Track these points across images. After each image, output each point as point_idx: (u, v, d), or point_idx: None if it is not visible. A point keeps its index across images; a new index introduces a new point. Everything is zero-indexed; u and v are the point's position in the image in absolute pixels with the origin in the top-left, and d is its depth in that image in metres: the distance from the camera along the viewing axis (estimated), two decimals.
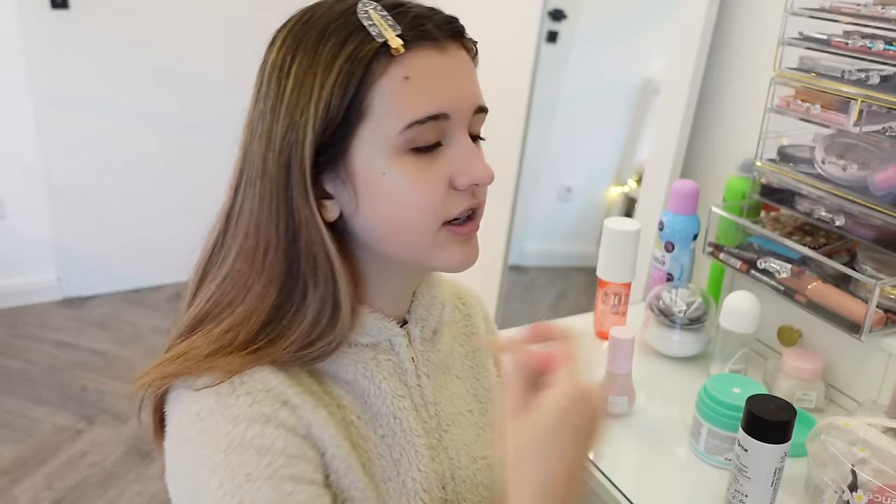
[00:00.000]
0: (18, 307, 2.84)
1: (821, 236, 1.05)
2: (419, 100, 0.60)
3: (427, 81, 0.61)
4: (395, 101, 0.60)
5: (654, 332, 1.11)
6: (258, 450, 0.57)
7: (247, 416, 0.58)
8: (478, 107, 0.65)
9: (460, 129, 0.63)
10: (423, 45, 0.61)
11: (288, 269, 0.63)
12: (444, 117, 0.62)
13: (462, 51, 0.64)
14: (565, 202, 2.57)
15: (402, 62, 0.60)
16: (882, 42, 0.89)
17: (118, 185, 2.87)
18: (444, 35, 0.62)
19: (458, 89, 0.63)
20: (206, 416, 0.59)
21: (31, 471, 2.04)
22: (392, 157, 0.61)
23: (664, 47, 1.37)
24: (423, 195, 0.62)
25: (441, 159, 0.63)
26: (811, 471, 0.80)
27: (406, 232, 0.64)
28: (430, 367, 0.74)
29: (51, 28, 2.59)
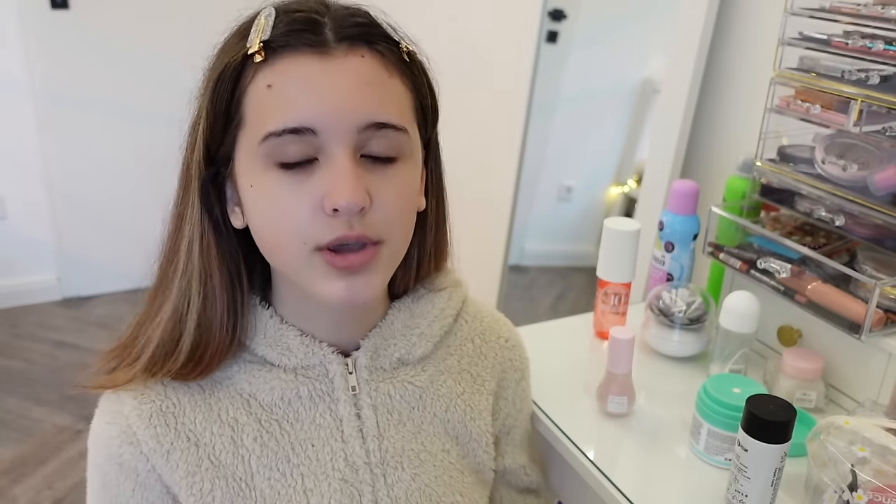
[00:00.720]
0: (18, 307, 2.84)
1: (821, 236, 1.05)
2: (278, 110, 0.56)
3: (290, 91, 0.56)
4: (258, 110, 0.57)
5: (654, 332, 1.11)
6: (101, 477, 0.65)
7: (102, 444, 0.65)
8: (368, 123, 0.57)
9: (336, 146, 0.56)
10: (296, 52, 0.56)
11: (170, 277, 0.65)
12: (308, 132, 0.56)
13: (360, 58, 0.57)
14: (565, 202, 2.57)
15: (269, 69, 0.56)
16: (882, 42, 0.89)
17: (118, 185, 2.87)
18: (336, 41, 0.56)
19: (330, 102, 0.55)
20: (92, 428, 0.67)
21: (32, 471, 2.04)
22: (258, 169, 0.58)
23: (664, 47, 1.37)
24: (283, 214, 0.57)
25: (313, 178, 0.57)
26: (811, 470, 0.80)
27: (277, 251, 0.61)
28: (381, 398, 0.69)
29: (51, 28, 2.59)
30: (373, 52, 0.58)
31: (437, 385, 0.74)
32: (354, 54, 0.57)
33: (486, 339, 0.79)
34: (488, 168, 1.98)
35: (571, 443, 0.92)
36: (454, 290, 0.77)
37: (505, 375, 0.81)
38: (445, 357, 0.76)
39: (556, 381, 1.02)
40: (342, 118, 0.56)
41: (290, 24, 0.57)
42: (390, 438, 0.70)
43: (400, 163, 0.60)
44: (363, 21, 0.59)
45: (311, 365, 0.67)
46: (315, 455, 0.66)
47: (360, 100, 0.56)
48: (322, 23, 0.57)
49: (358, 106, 0.56)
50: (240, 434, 0.65)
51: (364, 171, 0.58)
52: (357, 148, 0.57)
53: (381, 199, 0.59)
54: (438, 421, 0.73)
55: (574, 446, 0.92)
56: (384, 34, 0.60)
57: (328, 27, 0.57)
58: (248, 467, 0.65)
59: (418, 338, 0.72)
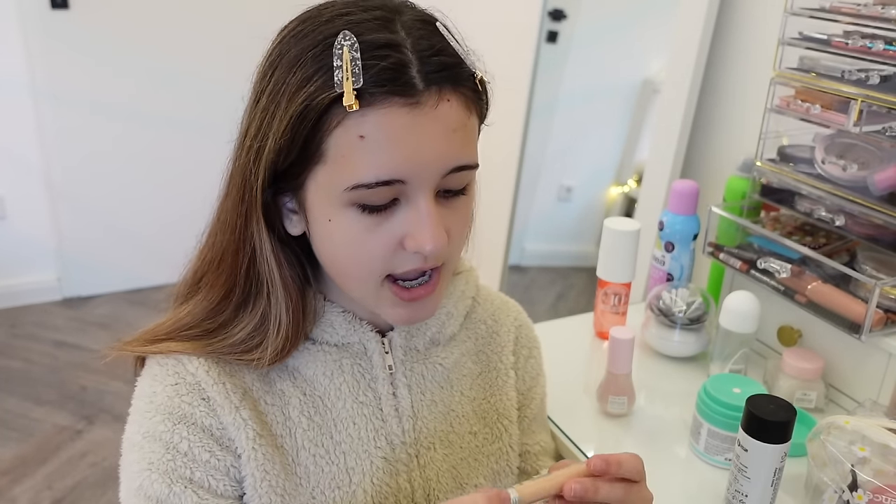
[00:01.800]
0: (18, 307, 2.84)
1: (821, 236, 1.05)
2: (370, 163, 0.56)
3: (384, 144, 0.55)
4: (345, 157, 0.56)
5: (654, 332, 1.11)
6: (166, 444, 0.62)
7: (165, 409, 0.62)
8: (452, 168, 0.58)
9: (421, 191, 0.58)
10: (389, 102, 0.55)
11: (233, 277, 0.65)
12: (398, 182, 0.57)
13: (447, 103, 0.57)
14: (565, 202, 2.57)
15: (360, 117, 0.55)
16: (882, 42, 0.89)
17: (118, 185, 2.87)
18: (425, 86, 0.56)
19: (422, 155, 0.56)
20: (139, 396, 0.65)
21: (31, 471, 2.04)
22: (339, 207, 0.58)
23: (664, 47, 1.37)
24: (362, 251, 0.60)
25: (394, 218, 0.59)
26: (811, 470, 0.80)
27: (348, 279, 0.63)
28: (415, 378, 0.71)
29: (51, 28, 2.59)
30: (457, 94, 0.58)
31: (461, 366, 0.76)
32: (443, 100, 0.57)
33: (498, 319, 0.81)
34: (488, 168, 1.98)
35: (571, 443, 0.92)
36: (469, 273, 0.80)
37: (516, 350, 0.82)
38: (465, 339, 0.77)
39: (555, 381, 1.02)
40: (430, 168, 0.57)
41: (382, 72, 0.55)
42: (423, 419, 0.71)
43: (468, 190, 0.63)
44: (447, 61, 0.57)
45: (351, 342, 0.68)
46: (357, 433, 0.67)
47: (447, 148, 0.57)
48: (409, 63, 0.56)
49: (445, 154, 0.57)
50: (287, 405, 0.66)
51: (440, 206, 0.60)
52: (437, 188, 0.59)
53: (453, 230, 0.61)
54: (467, 401, 0.75)
55: (574, 446, 0.92)
56: (466, 73, 0.59)
57: (415, 68, 0.56)
58: (294, 441, 0.66)
59: (447, 317, 0.74)
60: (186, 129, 2.87)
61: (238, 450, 0.63)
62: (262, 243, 0.63)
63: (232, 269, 0.65)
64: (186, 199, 2.64)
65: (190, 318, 0.66)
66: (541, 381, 0.85)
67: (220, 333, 0.65)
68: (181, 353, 0.64)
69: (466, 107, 0.59)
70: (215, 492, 0.62)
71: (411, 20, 0.58)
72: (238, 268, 0.64)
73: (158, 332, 0.67)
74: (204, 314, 0.66)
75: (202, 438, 0.62)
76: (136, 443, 0.63)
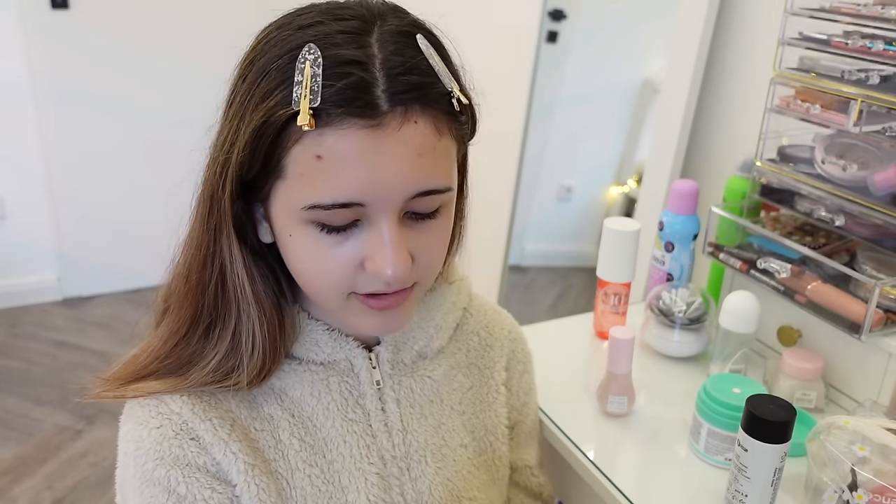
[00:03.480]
0: (18, 307, 2.84)
1: (821, 236, 1.05)
2: (327, 184, 0.53)
3: (341, 166, 0.53)
4: (303, 176, 0.54)
5: (654, 332, 1.11)
6: (165, 489, 0.60)
7: (155, 453, 0.61)
8: (416, 193, 0.55)
9: (383, 214, 0.55)
10: (348, 123, 0.52)
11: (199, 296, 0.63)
12: (357, 205, 0.54)
13: (413, 125, 0.53)
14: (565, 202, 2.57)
15: (318, 137, 0.53)
16: (882, 42, 0.89)
17: (118, 185, 2.87)
18: (389, 106, 0.52)
19: (382, 179, 0.53)
20: (126, 440, 0.63)
21: (32, 471, 2.04)
22: (298, 223, 0.57)
23: (664, 47, 1.37)
24: (322, 268, 0.58)
25: (354, 238, 0.57)
26: (811, 470, 0.80)
27: (313, 293, 0.62)
28: (404, 392, 0.70)
29: (51, 28, 2.59)
30: (425, 114, 0.55)
31: (450, 379, 0.75)
32: (408, 122, 0.53)
33: (491, 332, 0.80)
34: (488, 168, 1.98)
35: (571, 443, 0.92)
36: (461, 283, 0.78)
37: (509, 366, 0.81)
38: (455, 351, 0.76)
39: (555, 381, 1.02)
40: (391, 192, 0.54)
41: (342, 91, 0.52)
42: (413, 432, 0.70)
43: (442, 211, 0.60)
44: (418, 81, 0.54)
45: (338, 360, 0.67)
46: (349, 451, 0.67)
47: (410, 172, 0.54)
48: (373, 83, 0.52)
49: (409, 179, 0.55)
50: (276, 429, 0.65)
51: (406, 229, 0.58)
52: (402, 211, 0.57)
53: (422, 253, 0.59)
54: (456, 415, 0.74)
55: (574, 446, 0.92)
56: (437, 91, 0.55)
57: (380, 87, 0.52)
58: (288, 463, 0.65)
59: (435, 330, 0.73)
60: (187, 130, 2.86)
61: (233, 482, 0.63)
62: (233, 257, 0.61)
63: (198, 288, 0.63)
64: (187, 200, 2.63)
65: (161, 346, 0.65)
66: (534, 396, 0.85)
67: (195, 361, 0.63)
68: (161, 392, 0.63)
69: (436, 129, 0.55)
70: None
71: (389, 32, 0.56)
72: (205, 286, 0.62)
73: (134, 369, 0.65)
74: (175, 340, 0.64)
75: (199, 477, 0.61)
76: (136, 487, 0.61)
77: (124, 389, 0.64)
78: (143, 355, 0.66)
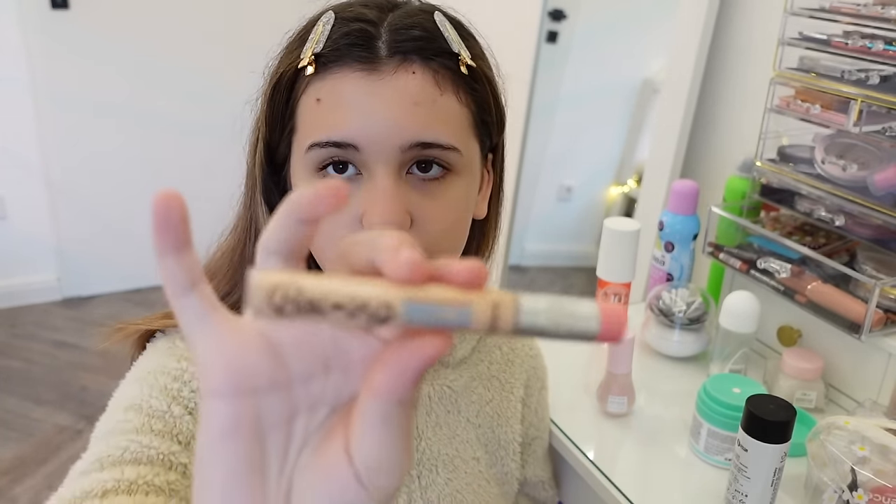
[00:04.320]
0: (18, 307, 2.84)
1: (821, 236, 1.05)
2: (323, 124, 0.55)
3: (336, 107, 0.55)
4: (306, 122, 0.57)
5: (653, 332, 1.11)
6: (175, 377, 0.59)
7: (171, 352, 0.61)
8: (413, 143, 0.54)
9: (377, 164, 0.55)
10: (346, 67, 0.54)
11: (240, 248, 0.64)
12: (351, 147, 0.55)
13: (410, 74, 0.54)
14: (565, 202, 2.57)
15: (319, 82, 0.56)
16: (882, 42, 0.89)
17: (119, 185, 2.87)
18: (388, 55, 0.54)
19: (374, 120, 0.54)
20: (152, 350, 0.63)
21: (32, 470, 2.04)
22: (306, 175, 0.58)
23: (664, 47, 1.38)
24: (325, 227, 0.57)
25: (355, 191, 0.56)
26: (811, 470, 0.80)
27: (321, 256, 0.60)
28: (422, 399, 0.69)
29: (51, 28, 2.59)
30: (426, 67, 0.55)
31: (470, 391, 0.74)
32: (405, 70, 0.54)
33: (513, 347, 0.79)
34: None
35: (571, 443, 0.92)
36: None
37: (529, 383, 0.81)
38: (477, 363, 0.75)
39: (556, 381, 1.02)
40: (385, 137, 0.54)
41: (343, 38, 0.55)
42: (427, 440, 0.69)
43: (451, 178, 0.58)
44: (420, 34, 0.55)
45: None
46: None
47: (405, 119, 0.54)
48: (376, 35, 0.55)
49: (403, 125, 0.54)
50: None
51: (409, 189, 0.56)
52: (401, 166, 0.56)
53: (425, 217, 0.57)
54: (471, 426, 0.73)
55: (574, 446, 0.92)
56: (440, 47, 0.56)
57: (382, 39, 0.55)
58: None
59: (459, 339, 0.72)
60: (187, 130, 2.87)
61: None
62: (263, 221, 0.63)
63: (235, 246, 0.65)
64: (187, 200, 2.63)
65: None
66: (548, 413, 0.86)
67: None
68: None
69: (436, 83, 0.56)
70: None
71: (408, 7, 0.58)
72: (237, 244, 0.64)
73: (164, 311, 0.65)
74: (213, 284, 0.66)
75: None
76: (138, 375, 0.60)
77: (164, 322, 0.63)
78: None
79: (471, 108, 0.59)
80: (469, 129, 0.59)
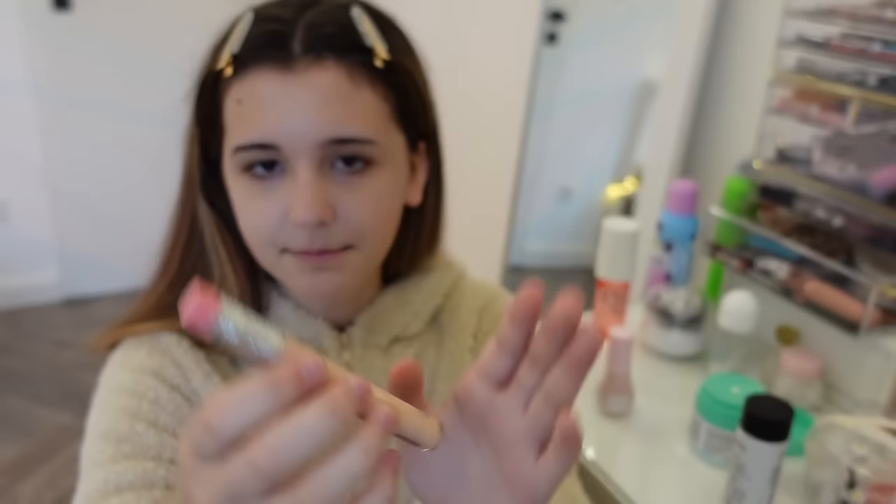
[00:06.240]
0: (20, 307, 2.84)
1: (819, 236, 1.05)
2: (245, 125, 0.57)
3: (255, 107, 0.56)
4: (230, 123, 0.58)
5: (653, 332, 1.11)
6: (131, 392, 0.62)
7: (135, 367, 0.64)
8: (330, 139, 0.56)
9: (298, 160, 0.56)
10: (261, 67, 0.56)
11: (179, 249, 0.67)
12: (272, 148, 0.56)
13: (324, 71, 0.56)
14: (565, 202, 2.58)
15: (238, 83, 0.57)
16: (879, 44, 0.90)
17: (120, 185, 2.87)
18: (302, 52, 0.55)
19: (291, 119, 0.55)
20: (110, 365, 0.67)
21: (33, 470, 2.05)
22: (234, 175, 0.60)
23: (664, 47, 1.38)
24: (254, 220, 0.60)
25: (280, 188, 0.58)
26: (810, 469, 0.80)
27: (253, 248, 0.63)
28: (374, 374, 0.69)
29: (52, 29, 2.60)
30: (339, 64, 0.56)
31: (422, 358, 0.73)
32: (318, 67, 0.56)
33: (461, 306, 0.78)
34: (488, 169, 1.98)
35: None
36: (445, 270, 0.77)
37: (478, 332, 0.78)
38: (427, 333, 0.75)
39: None
40: (302, 135, 0.56)
41: (258, 38, 0.57)
42: None
43: (372, 170, 0.59)
44: (332, 31, 0.57)
45: (305, 338, 0.68)
46: None
47: (320, 116, 0.56)
48: (289, 33, 0.56)
49: (319, 122, 0.56)
50: None
51: (330, 182, 0.58)
52: (322, 160, 0.57)
53: (348, 209, 0.59)
54: (426, 395, 0.73)
55: None
56: (354, 43, 0.57)
57: (296, 38, 0.56)
58: None
59: (412, 316, 0.73)
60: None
61: None
62: (204, 217, 0.65)
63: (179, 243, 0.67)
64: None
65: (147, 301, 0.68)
66: None
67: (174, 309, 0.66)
68: (155, 330, 0.66)
69: (351, 79, 0.56)
70: (178, 437, 0.61)
71: (326, 5, 0.59)
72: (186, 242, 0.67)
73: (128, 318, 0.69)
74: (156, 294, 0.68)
75: (170, 392, 0.63)
76: (102, 399, 0.63)
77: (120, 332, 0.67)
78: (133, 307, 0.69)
79: (389, 100, 0.60)
80: (389, 121, 0.61)
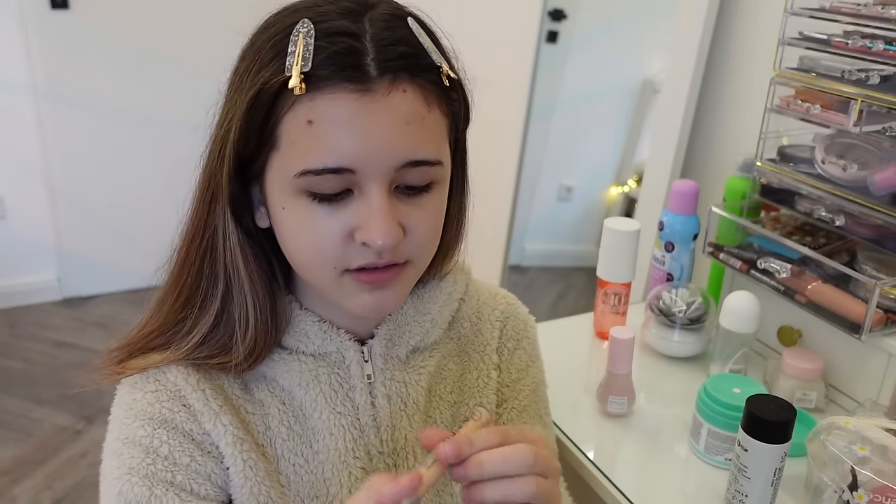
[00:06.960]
0: (18, 307, 2.84)
1: (821, 236, 1.05)
2: (318, 149, 0.55)
3: (331, 130, 0.54)
4: (295, 143, 0.56)
5: (654, 332, 1.11)
6: (145, 449, 0.61)
7: (144, 414, 0.62)
8: (406, 162, 0.56)
9: (373, 182, 0.56)
10: (337, 87, 0.54)
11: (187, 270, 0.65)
12: (347, 171, 0.55)
13: (402, 93, 0.55)
14: (565, 202, 2.58)
15: (310, 102, 0.54)
16: (882, 42, 0.89)
17: (118, 185, 2.87)
18: (378, 74, 0.54)
19: (371, 144, 0.54)
20: (118, 404, 0.66)
21: (31, 471, 2.04)
22: (291, 194, 0.58)
23: (664, 47, 1.38)
24: (315, 240, 0.58)
25: (346, 208, 0.57)
26: (811, 470, 0.80)
27: (306, 269, 0.61)
28: (395, 387, 0.69)
29: (51, 28, 2.59)
30: (413, 84, 0.56)
31: (442, 369, 0.73)
32: (396, 90, 0.55)
33: (482, 316, 0.78)
34: (488, 168, 1.98)
35: (571, 443, 0.92)
36: (458, 273, 0.77)
37: (501, 347, 0.79)
38: (447, 341, 0.75)
39: (555, 381, 1.02)
40: (381, 159, 0.55)
41: (332, 57, 0.54)
42: (402, 429, 0.69)
43: (434, 188, 0.60)
44: (405, 51, 0.56)
45: (329, 352, 0.67)
46: (335, 444, 0.66)
47: (399, 140, 0.55)
48: (363, 51, 0.55)
49: (397, 146, 0.55)
50: (267, 415, 0.66)
51: (398, 202, 0.58)
52: (392, 182, 0.57)
53: (414, 227, 0.59)
54: (446, 406, 0.73)
55: (574, 446, 0.92)
56: (426, 63, 0.57)
57: (370, 56, 0.54)
58: (275, 450, 0.65)
59: (431, 324, 0.72)
60: (187, 130, 2.86)
61: (222, 455, 0.63)
62: (227, 233, 0.62)
63: (190, 260, 0.64)
64: (187, 200, 2.63)
65: (155, 321, 0.66)
66: (532, 371, 0.80)
67: (186, 331, 0.64)
68: (158, 363, 0.64)
69: (425, 100, 0.57)
70: (198, 494, 0.61)
71: (381, 14, 0.58)
72: (198, 260, 0.64)
73: (134, 344, 0.66)
74: (163, 314, 0.66)
75: (182, 442, 0.62)
76: (116, 449, 0.62)
77: (122, 367, 0.65)
78: (139, 333, 0.67)
79: (449, 117, 0.61)
80: (447, 138, 0.61)
